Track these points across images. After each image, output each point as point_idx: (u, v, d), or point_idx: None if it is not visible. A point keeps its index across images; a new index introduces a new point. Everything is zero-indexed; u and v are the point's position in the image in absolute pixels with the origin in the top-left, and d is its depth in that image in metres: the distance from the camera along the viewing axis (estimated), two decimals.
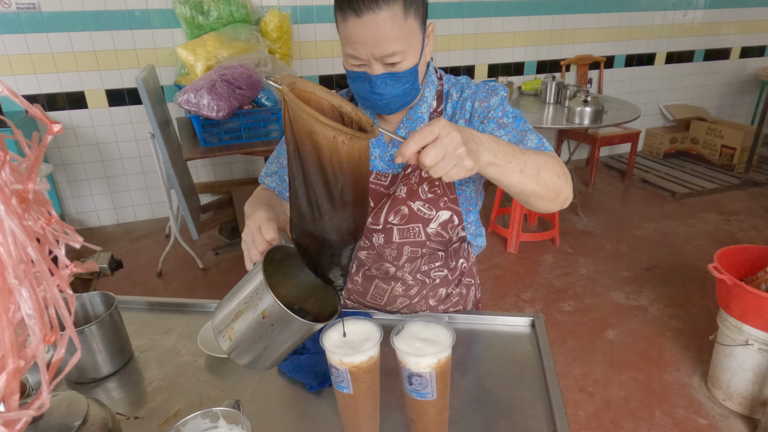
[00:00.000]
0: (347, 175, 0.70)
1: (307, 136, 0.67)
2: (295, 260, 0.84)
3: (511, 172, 0.83)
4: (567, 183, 0.94)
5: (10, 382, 0.24)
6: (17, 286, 0.23)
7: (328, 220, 0.72)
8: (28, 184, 0.25)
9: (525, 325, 1.12)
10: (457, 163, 0.73)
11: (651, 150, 5.08)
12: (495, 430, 0.85)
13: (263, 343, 0.77)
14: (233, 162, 3.93)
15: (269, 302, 0.73)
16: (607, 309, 2.83)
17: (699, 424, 2.06)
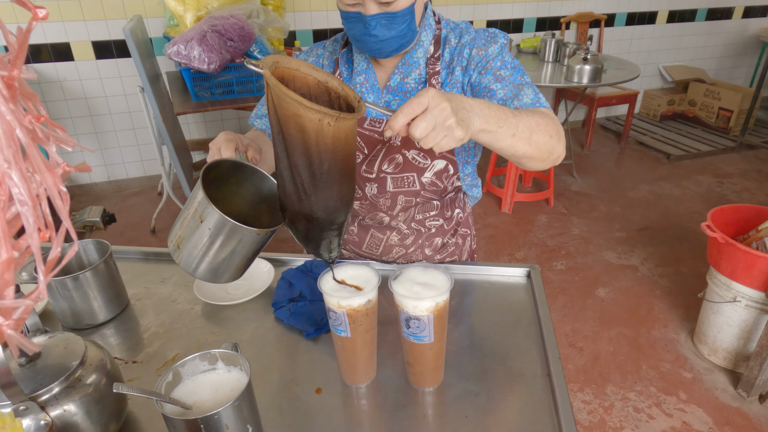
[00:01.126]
0: (333, 155, 0.69)
1: (291, 120, 0.65)
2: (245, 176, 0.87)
3: (503, 137, 0.81)
4: (560, 142, 0.92)
5: (4, 272, 0.23)
6: (7, 169, 0.22)
7: (314, 200, 0.72)
8: (13, 71, 0.23)
9: (521, 275, 1.13)
10: (447, 134, 0.71)
11: (648, 112, 5.04)
12: (490, 374, 0.87)
13: (207, 249, 0.78)
14: (225, 119, 3.86)
15: (203, 204, 0.74)
16: (599, 268, 2.87)
17: (684, 378, 2.12)
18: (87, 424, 0.71)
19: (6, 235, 0.23)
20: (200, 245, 0.78)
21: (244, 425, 0.72)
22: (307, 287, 1.05)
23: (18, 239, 0.25)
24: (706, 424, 1.91)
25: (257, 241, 0.79)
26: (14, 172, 0.23)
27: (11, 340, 0.24)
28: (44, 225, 0.25)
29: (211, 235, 0.76)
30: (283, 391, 0.85)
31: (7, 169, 0.22)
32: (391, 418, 0.80)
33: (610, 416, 1.95)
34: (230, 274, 0.83)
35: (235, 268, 0.83)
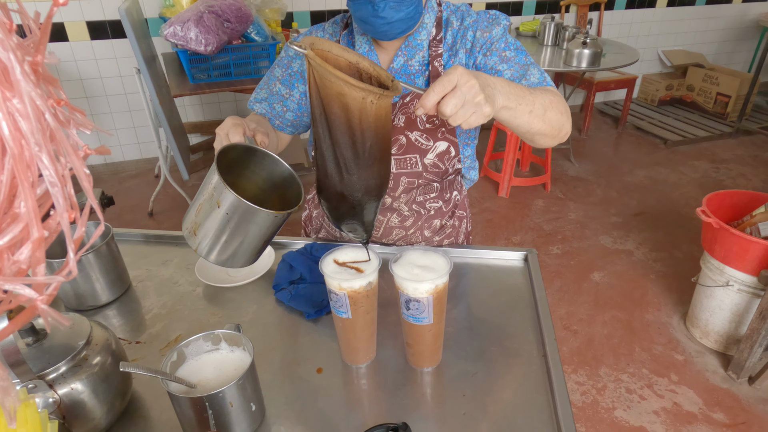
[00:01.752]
0: (375, 133, 0.70)
1: (335, 99, 0.67)
2: (257, 161, 0.87)
3: (521, 114, 0.84)
4: (568, 120, 0.96)
5: (35, 251, 0.24)
6: (38, 152, 0.23)
7: (356, 179, 0.73)
8: (37, 56, 0.24)
9: (518, 259, 1.14)
10: (476, 111, 0.72)
11: (646, 97, 5.03)
12: (487, 354, 0.89)
13: (224, 234, 0.79)
14: (222, 101, 3.84)
15: (220, 187, 0.74)
16: (595, 252, 2.89)
17: (675, 360, 2.16)
18: (94, 402, 0.73)
19: (37, 215, 0.24)
20: (216, 229, 0.78)
21: (248, 403, 0.73)
22: (307, 270, 1.06)
23: (46, 220, 0.25)
24: (696, 404, 1.95)
25: (273, 224, 0.79)
26: (44, 155, 0.24)
27: (44, 314, 0.26)
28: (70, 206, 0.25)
29: (228, 219, 0.76)
30: (284, 371, 0.87)
31: (38, 152, 0.23)
32: (390, 397, 0.82)
33: (602, 397, 1.99)
34: (246, 258, 0.84)
35: (250, 252, 0.83)
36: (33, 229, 0.24)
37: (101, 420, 0.74)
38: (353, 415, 0.79)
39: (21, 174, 0.23)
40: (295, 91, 1.13)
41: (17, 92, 0.22)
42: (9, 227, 0.23)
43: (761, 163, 3.92)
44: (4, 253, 0.24)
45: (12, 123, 0.22)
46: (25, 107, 0.22)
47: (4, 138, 0.22)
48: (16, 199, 0.24)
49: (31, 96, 0.22)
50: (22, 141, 0.22)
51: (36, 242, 0.24)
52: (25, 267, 0.24)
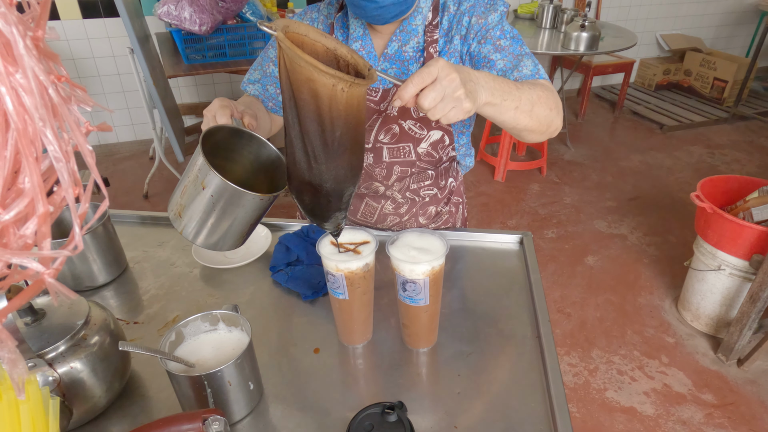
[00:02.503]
0: (345, 122, 0.68)
1: (304, 85, 0.64)
2: (243, 143, 0.86)
3: (506, 110, 0.82)
4: (558, 115, 0.93)
5: (41, 226, 0.24)
6: (42, 128, 0.23)
7: (325, 169, 0.71)
8: (38, 31, 0.23)
9: (513, 242, 1.15)
10: (455, 106, 0.70)
11: (643, 81, 5.01)
12: (482, 335, 0.90)
13: (209, 217, 0.78)
14: (217, 83, 3.80)
15: (205, 170, 0.74)
16: (589, 236, 2.91)
17: (666, 342, 2.20)
18: (93, 381, 0.73)
19: (42, 191, 0.24)
20: (202, 212, 0.78)
21: (246, 382, 0.74)
22: (304, 251, 1.07)
23: (50, 196, 0.26)
24: (685, 386, 1.99)
25: (260, 207, 0.79)
26: (48, 131, 0.24)
27: (52, 287, 0.26)
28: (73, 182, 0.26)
29: (213, 202, 0.76)
30: (282, 351, 0.88)
31: (42, 128, 0.23)
32: (386, 376, 0.83)
33: (594, 378, 2.03)
34: (232, 242, 0.83)
35: (237, 235, 0.83)
36: (38, 204, 0.24)
37: (101, 398, 0.75)
38: (350, 395, 0.80)
39: (25, 149, 0.23)
40: None
41: (21, 67, 0.22)
42: (14, 202, 0.23)
43: (756, 149, 3.94)
44: (10, 228, 0.24)
45: (16, 98, 0.22)
46: (28, 82, 0.22)
47: (8, 113, 0.22)
48: (20, 174, 0.24)
49: (35, 71, 0.22)
50: (25, 116, 0.22)
51: (42, 217, 0.24)
52: (30, 242, 0.25)
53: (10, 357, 0.24)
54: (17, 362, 0.25)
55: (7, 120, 0.22)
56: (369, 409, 0.74)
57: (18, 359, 0.25)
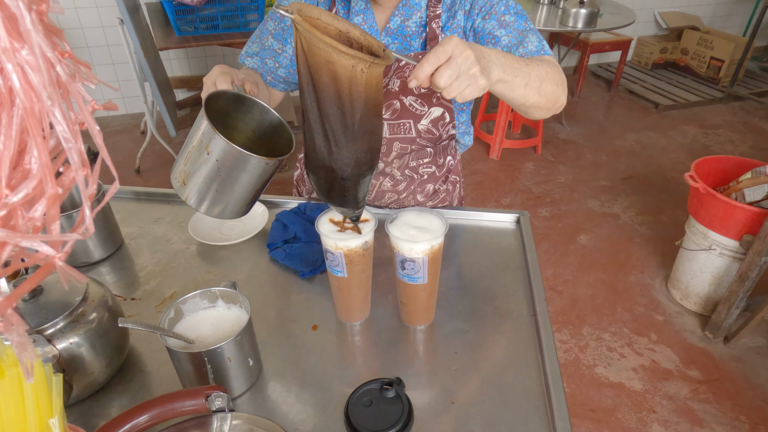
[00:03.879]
0: (365, 104, 0.67)
1: (324, 67, 0.63)
2: (245, 109, 0.85)
3: (517, 87, 0.81)
4: (564, 91, 0.93)
5: (50, 208, 0.23)
6: (50, 106, 0.22)
7: (345, 152, 0.70)
8: (41, 5, 0.22)
9: (510, 221, 1.16)
10: (471, 83, 0.70)
11: (640, 60, 4.98)
12: (479, 313, 0.91)
13: (214, 183, 0.77)
14: (209, 55, 3.73)
15: (209, 134, 0.72)
16: (582, 215, 2.93)
17: (656, 320, 2.24)
18: (92, 357, 0.74)
19: (51, 172, 0.23)
20: (207, 178, 0.76)
21: (245, 358, 0.75)
22: (301, 229, 1.06)
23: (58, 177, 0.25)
24: (673, 362, 2.03)
25: (265, 172, 0.77)
26: (56, 110, 0.23)
27: (62, 271, 0.25)
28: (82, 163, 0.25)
29: (218, 167, 0.74)
30: (280, 328, 0.89)
31: (51, 107, 0.22)
32: (384, 353, 0.84)
33: (584, 355, 2.07)
34: (238, 209, 0.82)
35: (241, 202, 0.81)
36: (47, 185, 0.23)
37: (100, 374, 0.75)
38: (348, 371, 0.81)
39: (33, 129, 0.22)
40: (288, 46, 1.09)
41: (27, 43, 0.21)
42: (22, 184, 0.23)
43: (749, 129, 3.95)
44: (18, 210, 0.23)
45: (22, 76, 0.21)
46: (36, 59, 0.21)
47: (15, 91, 0.21)
48: (26, 154, 0.23)
49: (42, 47, 0.21)
50: (32, 94, 0.22)
51: (50, 199, 0.23)
52: (39, 224, 0.24)
53: (19, 340, 0.24)
54: (26, 346, 0.24)
55: (12, 98, 0.22)
56: (367, 385, 0.75)
57: (27, 343, 0.25)
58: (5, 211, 0.23)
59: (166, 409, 0.50)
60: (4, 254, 0.23)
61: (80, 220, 0.26)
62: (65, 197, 0.25)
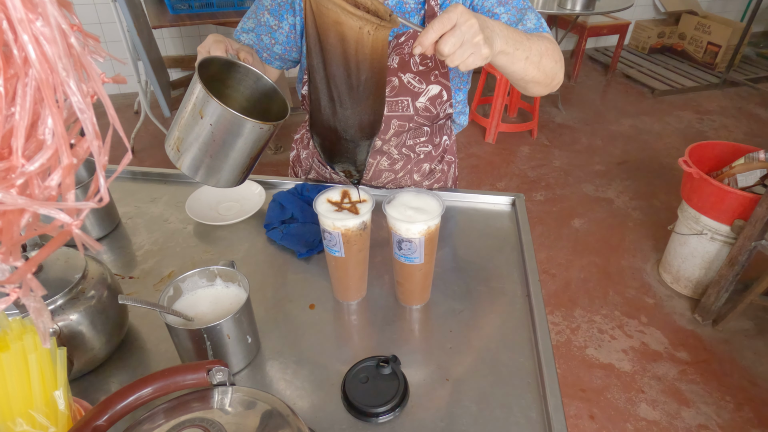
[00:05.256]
0: (371, 66, 0.68)
1: (331, 28, 0.64)
2: (239, 77, 0.84)
3: (518, 59, 0.83)
4: (561, 69, 0.95)
5: (65, 177, 0.24)
6: (65, 77, 0.23)
7: (350, 113, 0.72)
8: None
9: (506, 203, 1.17)
10: (474, 51, 0.71)
11: (637, 44, 4.96)
12: (474, 293, 0.92)
13: (208, 148, 0.76)
14: (203, 34, 3.68)
15: (203, 98, 0.71)
16: (576, 200, 2.95)
17: (646, 303, 2.27)
18: (92, 333, 0.75)
19: (66, 142, 0.24)
20: (202, 143, 0.75)
21: (244, 336, 0.76)
22: (298, 209, 1.07)
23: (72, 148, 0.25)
24: (662, 344, 2.07)
25: (260, 137, 0.77)
26: (72, 81, 0.23)
27: (78, 238, 0.26)
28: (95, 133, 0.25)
29: (212, 132, 0.73)
30: (277, 307, 0.90)
31: (66, 78, 0.23)
32: (380, 332, 0.85)
33: (576, 336, 2.10)
34: (232, 176, 0.81)
35: (237, 169, 0.80)
36: (63, 155, 0.24)
37: (100, 350, 0.76)
38: (345, 349, 0.83)
39: (49, 100, 0.22)
40: (284, 23, 1.08)
41: (42, 15, 0.21)
42: (38, 154, 0.23)
43: (744, 115, 3.97)
44: (34, 179, 0.24)
45: (38, 47, 0.21)
46: (51, 31, 0.21)
47: (30, 62, 0.21)
48: (39, 126, 0.24)
49: (57, 19, 0.22)
50: (47, 66, 0.22)
51: (66, 169, 0.24)
52: (54, 193, 0.25)
53: (36, 306, 0.25)
54: (42, 311, 0.25)
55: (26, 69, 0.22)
56: (364, 362, 0.76)
57: (43, 309, 0.25)
58: (23, 180, 0.23)
59: (169, 383, 0.51)
60: (23, 221, 0.24)
61: (94, 189, 0.27)
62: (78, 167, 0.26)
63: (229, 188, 0.84)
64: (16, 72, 0.22)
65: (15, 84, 0.22)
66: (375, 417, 0.70)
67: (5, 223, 0.23)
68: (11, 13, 0.20)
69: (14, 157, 0.22)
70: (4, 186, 0.22)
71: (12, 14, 0.20)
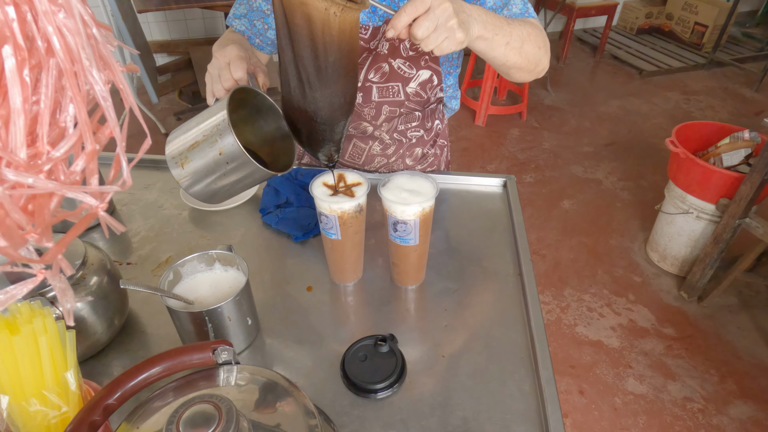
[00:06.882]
0: (339, 48, 0.67)
1: (297, 9, 0.63)
2: (257, 105, 0.85)
3: (497, 45, 0.82)
4: (546, 54, 0.94)
5: (89, 162, 0.25)
6: (89, 66, 0.23)
7: (319, 96, 0.71)
8: None
9: (497, 185, 1.19)
10: (448, 36, 0.71)
11: (625, 25, 4.97)
12: (467, 273, 0.95)
13: (214, 178, 0.78)
14: (189, 18, 3.62)
15: (229, 142, 0.73)
16: (566, 181, 2.98)
17: (634, 281, 2.32)
18: (94, 319, 0.76)
19: (90, 129, 0.25)
20: (208, 171, 0.77)
21: (244, 318, 0.78)
22: (293, 194, 1.08)
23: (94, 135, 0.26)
24: (649, 321, 2.12)
25: (264, 178, 0.80)
26: (94, 70, 0.24)
27: (104, 220, 0.27)
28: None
29: (224, 167, 0.75)
30: (275, 289, 0.91)
31: (89, 67, 0.24)
32: (377, 312, 0.87)
33: (565, 315, 2.15)
34: (224, 199, 0.85)
35: (232, 195, 0.84)
36: (87, 141, 0.25)
37: (102, 335, 0.78)
38: (343, 329, 0.85)
39: (73, 88, 0.23)
40: None
41: (66, 7, 0.22)
42: (62, 141, 0.24)
43: (729, 95, 4.01)
44: (60, 165, 0.25)
45: (61, 38, 0.22)
46: (75, 22, 0.22)
47: (55, 52, 0.22)
48: (60, 113, 0.24)
49: (80, 11, 0.23)
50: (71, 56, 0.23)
51: (90, 154, 0.25)
52: (79, 178, 0.26)
53: (61, 286, 0.26)
54: (67, 291, 0.27)
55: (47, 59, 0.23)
56: (362, 341, 0.78)
57: (67, 288, 0.27)
58: (50, 166, 0.24)
59: (176, 362, 0.52)
60: (53, 204, 0.25)
61: (115, 174, 0.28)
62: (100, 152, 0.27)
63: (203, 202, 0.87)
64: (39, 62, 0.23)
65: (38, 73, 0.23)
66: (374, 393, 0.72)
67: (37, 207, 0.24)
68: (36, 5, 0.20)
69: (39, 143, 0.24)
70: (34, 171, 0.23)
71: (37, 6, 0.21)
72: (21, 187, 0.23)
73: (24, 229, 0.25)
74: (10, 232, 0.24)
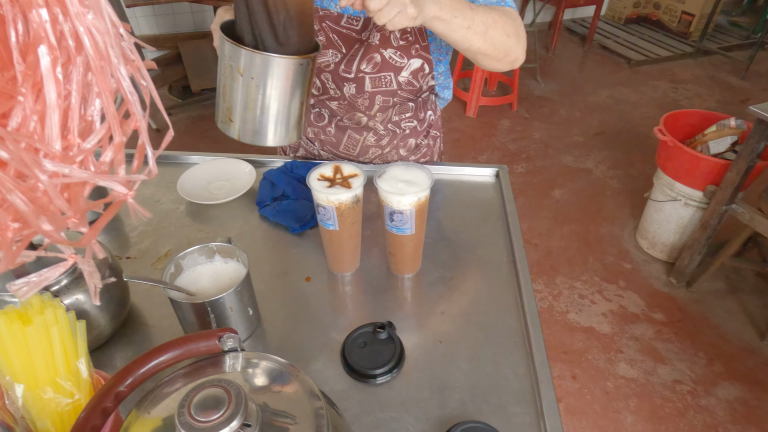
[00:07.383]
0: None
1: None
2: None
3: (457, 28, 0.83)
4: (518, 44, 0.94)
5: (117, 153, 0.27)
6: (117, 64, 0.25)
7: None
8: None
9: (490, 175, 1.21)
10: (401, 11, 0.73)
11: (614, 14, 5.00)
12: (462, 261, 0.97)
13: (256, 103, 0.74)
14: (177, 12, 3.59)
15: (232, 53, 0.70)
16: (556, 171, 3.02)
17: (624, 268, 2.36)
18: (97, 311, 0.77)
19: (118, 122, 0.26)
20: (252, 101, 0.73)
21: (245, 308, 0.80)
22: (289, 186, 1.09)
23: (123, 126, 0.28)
24: (639, 306, 2.17)
25: (299, 74, 0.74)
26: (122, 68, 0.25)
27: (132, 207, 0.29)
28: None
29: (257, 84, 0.72)
30: (274, 280, 0.93)
31: (117, 65, 0.25)
32: (375, 300, 0.89)
33: (558, 302, 2.18)
34: (292, 125, 0.79)
35: (293, 116, 0.78)
36: (115, 134, 0.26)
37: (106, 327, 0.79)
38: (341, 318, 0.87)
39: (103, 85, 0.25)
40: None
41: (95, 8, 0.23)
42: (92, 134, 0.26)
43: (716, 84, 4.06)
44: (89, 156, 0.26)
45: (91, 38, 0.23)
46: (104, 23, 0.24)
47: (86, 50, 0.24)
48: (87, 108, 0.26)
49: (109, 13, 0.24)
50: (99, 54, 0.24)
51: (118, 146, 0.26)
52: (106, 169, 0.27)
53: (89, 269, 0.28)
54: (94, 274, 0.28)
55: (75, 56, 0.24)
56: (362, 329, 0.81)
57: (95, 271, 0.28)
58: (82, 157, 0.26)
59: (183, 350, 0.54)
60: (86, 192, 0.27)
61: (139, 164, 0.29)
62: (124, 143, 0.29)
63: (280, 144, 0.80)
64: (69, 59, 0.24)
65: (68, 70, 0.24)
66: (374, 378, 0.75)
67: (72, 195, 0.25)
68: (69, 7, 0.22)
69: (71, 136, 0.25)
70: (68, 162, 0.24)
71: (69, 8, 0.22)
72: (57, 177, 0.24)
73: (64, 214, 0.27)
74: (54, 217, 0.26)
